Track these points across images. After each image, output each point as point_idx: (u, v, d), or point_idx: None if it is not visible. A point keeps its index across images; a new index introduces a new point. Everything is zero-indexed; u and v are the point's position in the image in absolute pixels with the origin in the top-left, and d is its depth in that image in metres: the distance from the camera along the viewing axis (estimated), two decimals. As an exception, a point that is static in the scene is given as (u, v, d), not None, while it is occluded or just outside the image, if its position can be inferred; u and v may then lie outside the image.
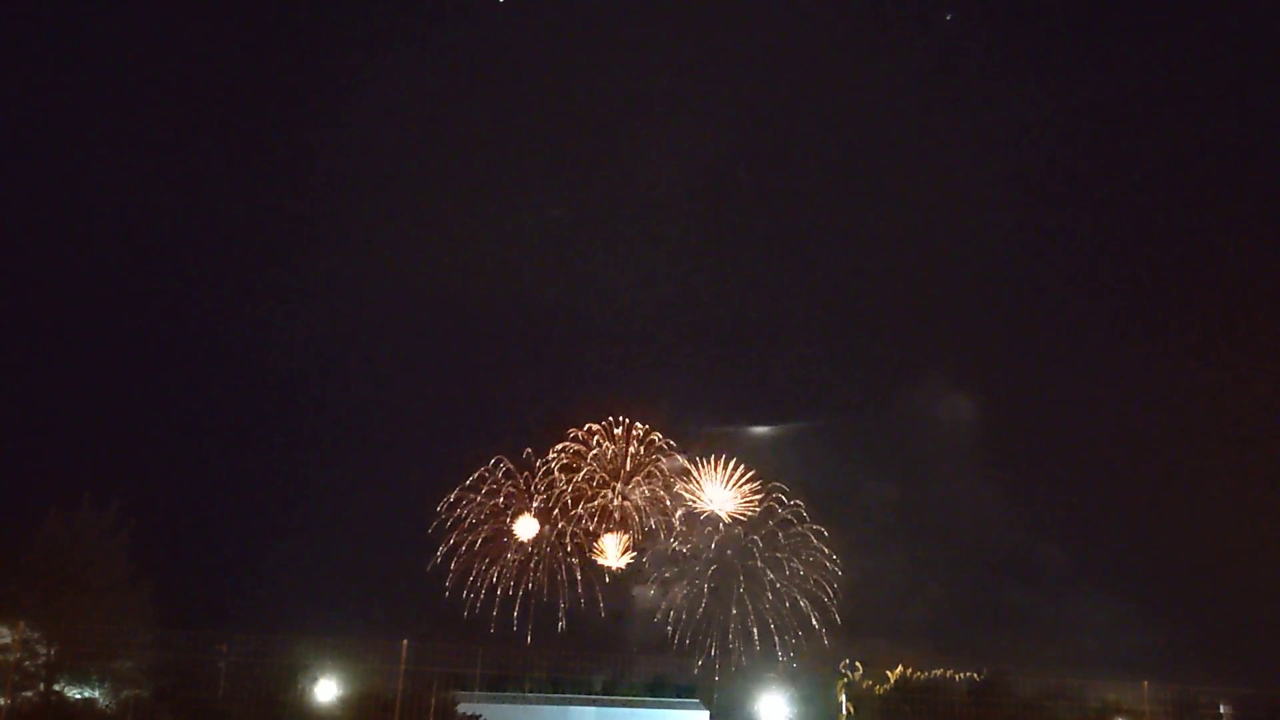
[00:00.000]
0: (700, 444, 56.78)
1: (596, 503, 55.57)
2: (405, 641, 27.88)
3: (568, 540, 54.74)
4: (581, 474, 56.30)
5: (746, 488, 55.58)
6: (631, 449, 56.89)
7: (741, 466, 56.00)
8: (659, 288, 67.40)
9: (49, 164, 60.03)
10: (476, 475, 54.89)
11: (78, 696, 29.89)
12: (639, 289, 66.96)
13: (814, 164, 69.94)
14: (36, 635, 28.52)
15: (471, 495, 54.73)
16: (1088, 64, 68.24)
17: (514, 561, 54.21)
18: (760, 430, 59.29)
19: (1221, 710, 37.64)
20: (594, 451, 56.68)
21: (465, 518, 54.54)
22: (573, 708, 38.74)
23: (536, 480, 55.60)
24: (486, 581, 53.76)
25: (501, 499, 55.16)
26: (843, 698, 34.24)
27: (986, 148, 67.59)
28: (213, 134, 64.88)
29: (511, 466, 55.44)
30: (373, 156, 65.92)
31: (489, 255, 63.93)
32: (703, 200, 69.50)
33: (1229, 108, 66.02)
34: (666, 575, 54.57)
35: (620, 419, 56.95)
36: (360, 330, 61.20)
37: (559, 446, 56.44)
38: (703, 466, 55.95)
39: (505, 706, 37.45)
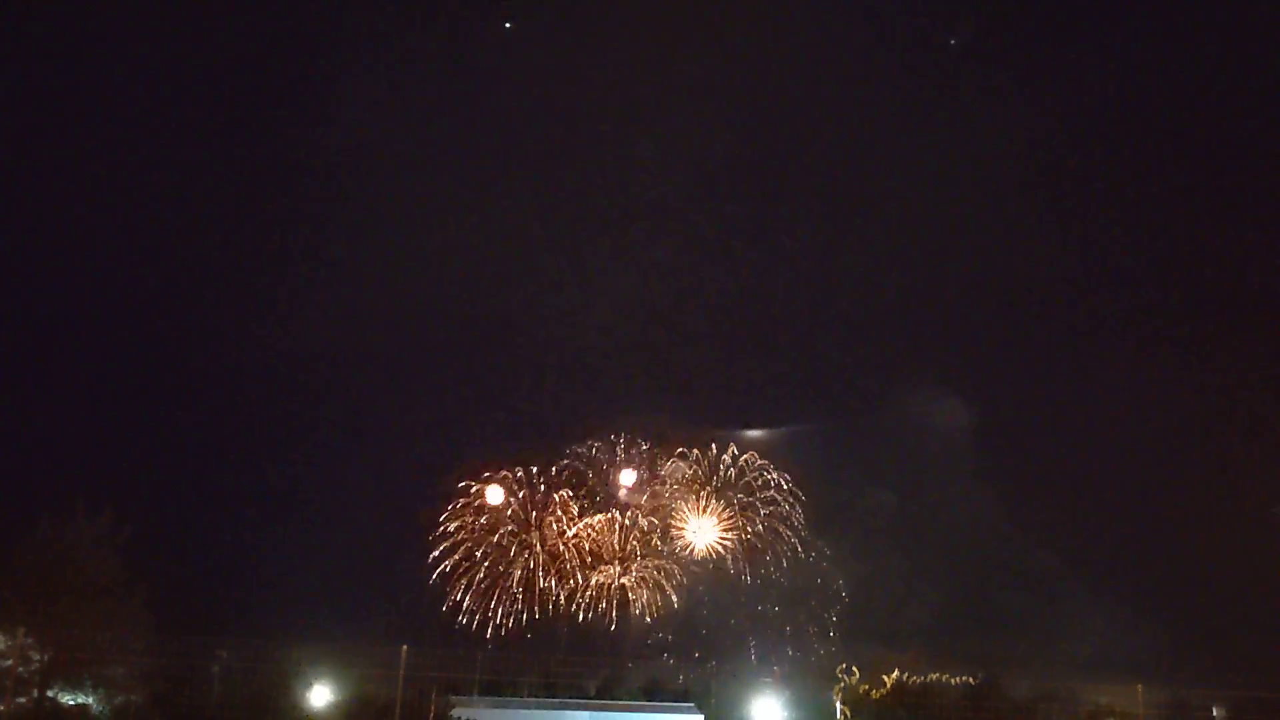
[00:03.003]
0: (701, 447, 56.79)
1: (598, 519, 55.27)
2: (405, 647, 27.88)
3: (568, 556, 54.47)
4: (582, 491, 56.04)
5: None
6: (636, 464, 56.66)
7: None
8: (656, 294, 67.58)
9: (46, 165, 59.97)
10: (474, 494, 54.50)
11: (71, 703, 29.76)
12: (636, 295, 67.11)
13: (810, 170, 70.24)
14: (30, 641, 28.41)
15: (470, 513, 54.38)
16: (1085, 69, 68.66)
17: (515, 577, 53.91)
18: (756, 434, 59.39)
19: (1214, 712, 37.76)
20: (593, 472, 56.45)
21: (466, 529, 54.27)
22: (568, 712, 38.61)
23: (539, 497, 55.31)
24: (484, 597, 53.49)
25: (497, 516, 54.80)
26: (838, 702, 34.31)
27: (984, 154, 67.89)
28: (212, 141, 64.95)
29: (512, 481, 55.08)
30: (371, 166, 65.99)
31: (490, 265, 64.07)
32: (700, 207, 69.75)
33: (1223, 113, 66.44)
34: (664, 581, 54.56)
35: (620, 435, 56.64)
36: (361, 339, 61.13)
37: (562, 462, 56.23)
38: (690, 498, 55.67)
39: (500, 711, 37.33)
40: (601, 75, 67.33)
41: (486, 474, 54.63)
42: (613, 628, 53.33)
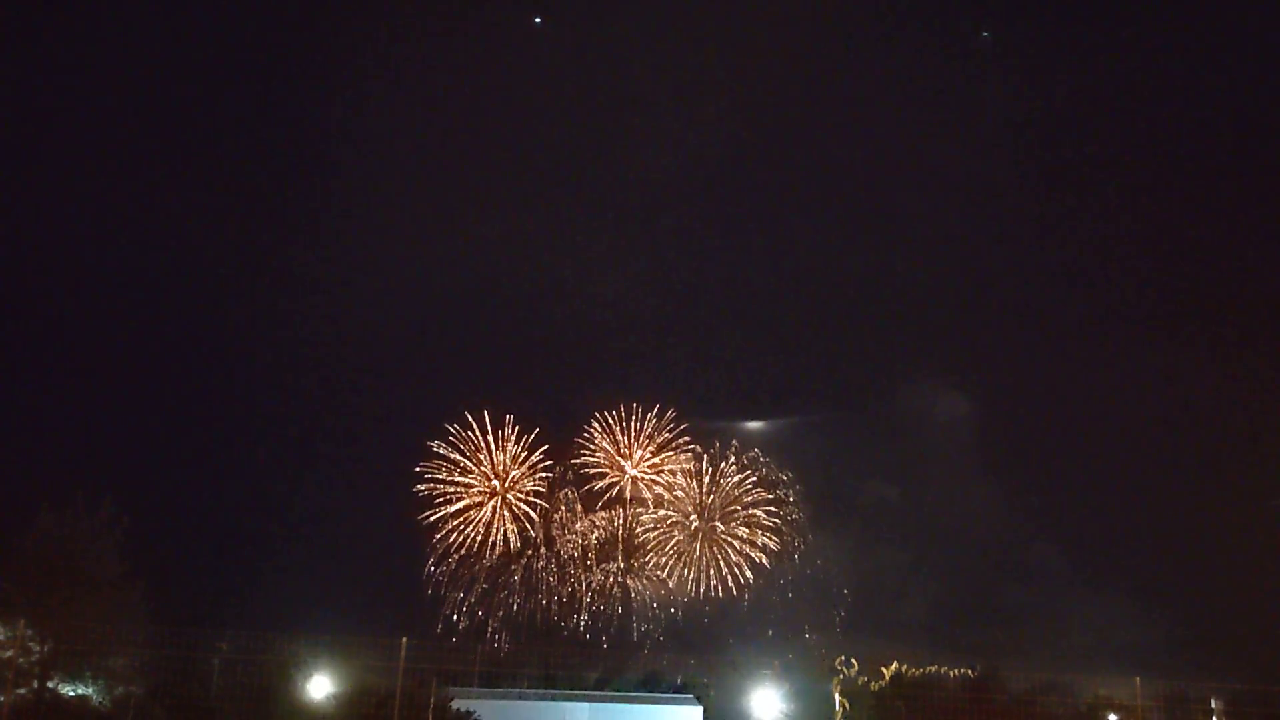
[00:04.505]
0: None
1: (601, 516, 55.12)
2: (405, 639, 27.99)
3: (571, 551, 54.39)
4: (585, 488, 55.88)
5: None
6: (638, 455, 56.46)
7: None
8: (654, 284, 67.52)
9: (45, 162, 59.91)
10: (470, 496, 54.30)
11: (72, 694, 29.84)
12: (634, 285, 67.04)
13: (809, 160, 70.08)
14: (30, 633, 28.50)
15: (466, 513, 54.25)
16: (1082, 60, 68.42)
17: (517, 573, 53.83)
18: (756, 425, 59.35)
19: (1214, 705, 37.73)
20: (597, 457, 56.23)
21: (467, 522, 54.22)
22: (567, 704, 38.71)
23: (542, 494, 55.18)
24: (486, 590, 53.48)
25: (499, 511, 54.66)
26: (837, 694, 34.35)
27: (987, 146, 67.74)
28: (210, 135, 64.83)
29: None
30: (368, 155, 65.90)
31: (486, 258, 63.92)
32: (700, 196, 69.63)
33: (1227, 102, 66.21)
34: (660, 572, 54.62)
35: (623, 429, 56.35)
36: (360, 327, 61.11)
37: (568, 460, 56.09)
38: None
39: (499, 703, 37.43)
40: (604, 65, 67.17)
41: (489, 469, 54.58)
42: (614, 622, 53.44)
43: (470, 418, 54.73)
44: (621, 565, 54.23)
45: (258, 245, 62.91)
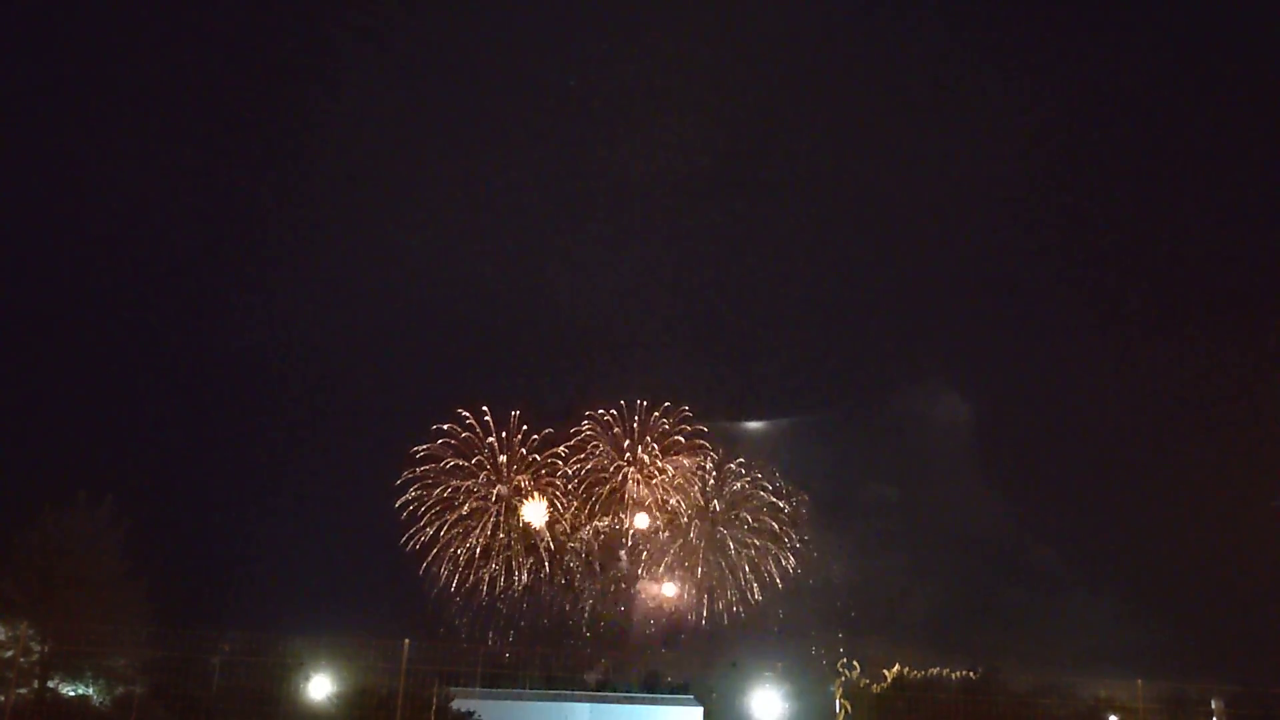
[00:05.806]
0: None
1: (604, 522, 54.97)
2: (407, 641, 27.97)
3: (574, 554, 54.24)
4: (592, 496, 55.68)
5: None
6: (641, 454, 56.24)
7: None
8: (655, 284, 67.56)
9: (43, 163, 59.90)
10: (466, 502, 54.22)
11: (72, 694, 29.80)
12: (635, 285, 67.07)
13: (810, 162, 70.15)
14: (31, 632, 28.45)
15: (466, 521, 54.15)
16: (1083, 65, 68.51)
17: (521, 578, 53.74)
18: (756, 426, 59.28)
19: (1214, 706, 37.77)
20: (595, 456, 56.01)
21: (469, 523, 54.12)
22: (568, 704, 38.71)
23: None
24: (488, 592, 53.39)
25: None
26: (838, 696, 34.33)
27: (983, 148, 67.82)
28: (205, 138, 64.88)
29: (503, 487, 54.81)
30: (363, 151, 65.94)
31: (482, 258, 63.94)
32: (701, 196, 69.68)
33: (1223, 111, 66.32)
34: (663, 572, 54.53)
35: (625, 434, 56.06)
36: (365, 330, 61.11)
37: (573, 463, 55.89)
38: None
39: (500, 703, 37.43)
40: (615, 62, 67.25)
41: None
42: (615, 622, 53.36)
43: (473, 420, 54.66)
44: (625, 571, 54.17)
45: (259, 251, 62.98)
